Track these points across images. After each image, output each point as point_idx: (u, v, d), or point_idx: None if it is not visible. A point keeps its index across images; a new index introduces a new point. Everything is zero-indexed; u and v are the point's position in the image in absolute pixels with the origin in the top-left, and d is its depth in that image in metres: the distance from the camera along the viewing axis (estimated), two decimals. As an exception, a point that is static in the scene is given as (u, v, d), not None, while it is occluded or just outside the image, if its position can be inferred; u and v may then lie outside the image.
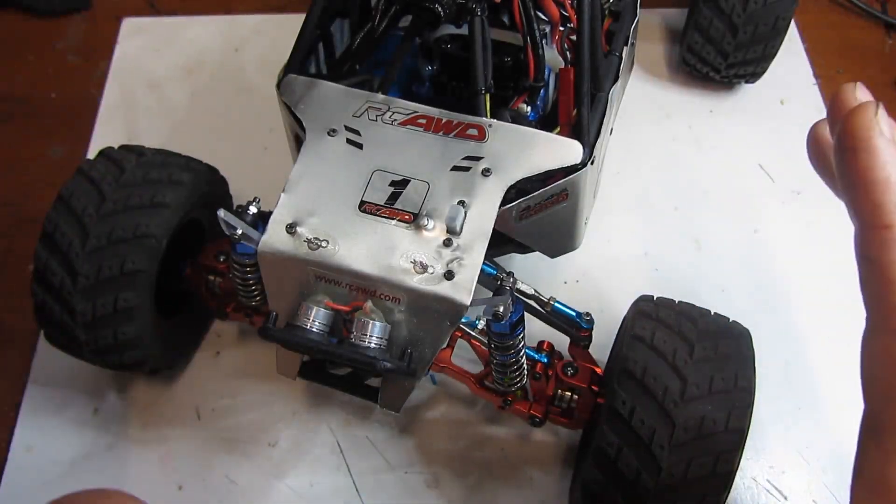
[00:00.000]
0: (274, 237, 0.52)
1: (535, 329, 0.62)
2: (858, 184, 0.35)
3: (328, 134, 0.57)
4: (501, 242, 0.59)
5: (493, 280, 0.55)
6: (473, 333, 0.61)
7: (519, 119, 0.61)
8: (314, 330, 0.51)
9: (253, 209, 0.55)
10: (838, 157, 0.35)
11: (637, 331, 0.56)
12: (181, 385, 0.73)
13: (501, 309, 0.52)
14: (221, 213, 0.52)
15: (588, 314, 0.61)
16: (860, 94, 0.36)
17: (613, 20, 0.71)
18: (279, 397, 0.72)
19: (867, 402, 0.37)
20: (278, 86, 0.61)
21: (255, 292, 0.63)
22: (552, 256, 0.65)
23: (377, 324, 0.51)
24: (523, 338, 0.57)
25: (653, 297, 0.62)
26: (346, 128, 0.57)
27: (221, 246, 0.67)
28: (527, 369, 0.60)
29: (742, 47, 0.84)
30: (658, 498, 0.51)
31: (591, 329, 0.62)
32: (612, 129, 0.66)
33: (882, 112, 0.34)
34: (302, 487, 0.68)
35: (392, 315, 0.52)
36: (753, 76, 0.90)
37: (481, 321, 0.60)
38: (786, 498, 0.67)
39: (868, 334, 0.37)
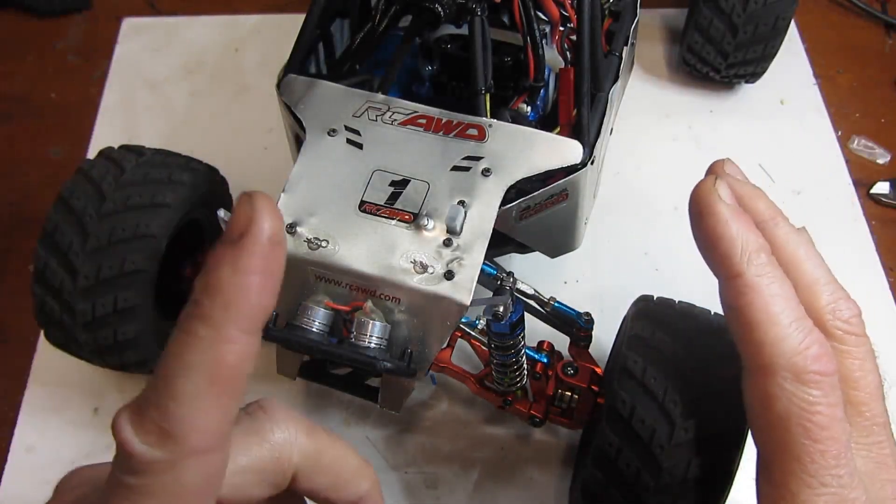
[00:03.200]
0: (274, 237, 0.52)
1: (535, 329, 0.62)
2: (709, 243, 0.40)
3: (328, 134, 0.57)
4: (501, 242, 0.59)
5: (493, 280, 0.55)
6: (473, 333, 0.61)
7: (519, 119, 0.61)
8: (314, 330, 0.51)
9: (253, 209, 0.55)
10: (693, 225, 0.42)
11: (637, 331, 0.55)
12: (181, 385, 0.73)
13: (501, 309, 0.52)
14: (221, 212, 0.52)
15: (588, 314, 0.61)
16: (728, 168, 0.46)
17: (613, 20, 0.71)
18: (279, 397, 0.71)
19: (756, 445, 0.40)
20: (278, 86, 0.60)
21: (255, 292, 0.63)
22: (552, 256, 0.65)
23: (377, 324, 0.51)
24: (523, 338, 0.57)
25: (653, 297, 0.62)
26: (346, 128, 0.57)
27: (221, 246, 0.67)
28: (527, 369, 0.60)
29: (742, 47, 0.84)
30: (658, 498, 0.51)
31: (591, 329, 0.61)
32: (612, 129, 0.66)
33: (721, 182, 0.41)
34: (302, 487, 0.68)
35: (392, 315, 0.52)
36: (753, 76, 0.90)
37: (481, 321, 0.60)
38: (786, 498, 0.67)
39: (744, 378, 0.40)
